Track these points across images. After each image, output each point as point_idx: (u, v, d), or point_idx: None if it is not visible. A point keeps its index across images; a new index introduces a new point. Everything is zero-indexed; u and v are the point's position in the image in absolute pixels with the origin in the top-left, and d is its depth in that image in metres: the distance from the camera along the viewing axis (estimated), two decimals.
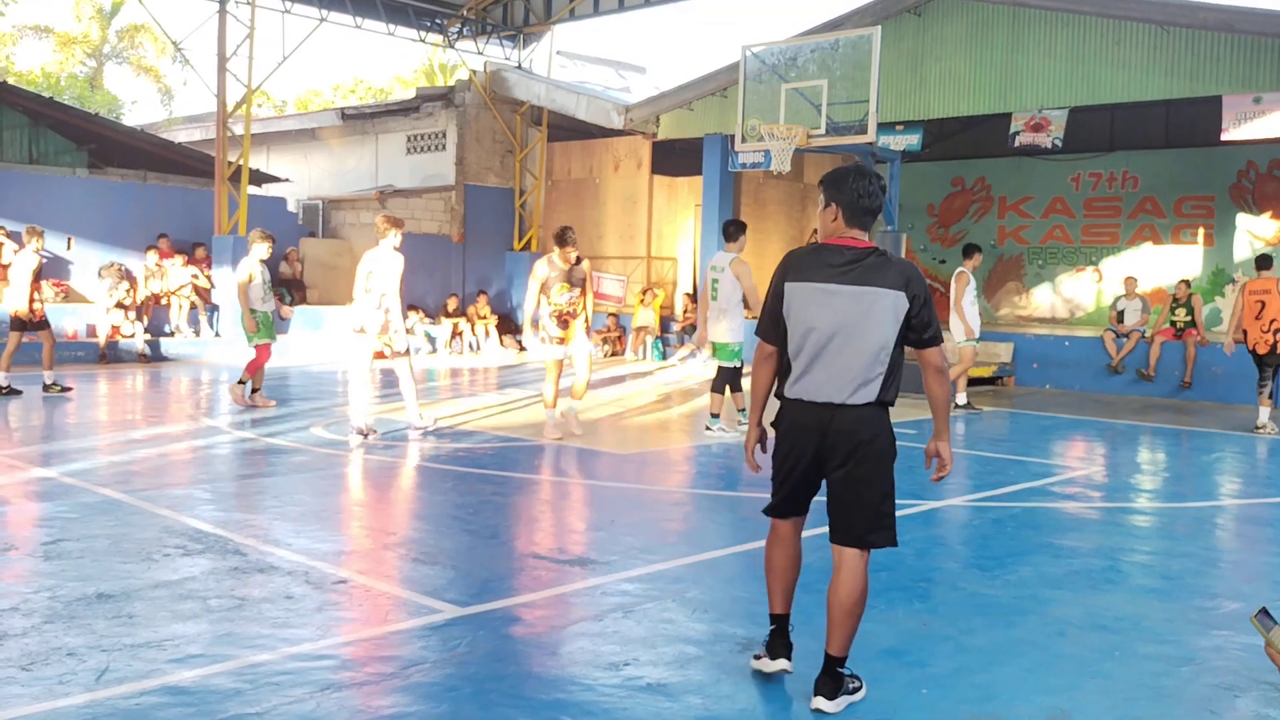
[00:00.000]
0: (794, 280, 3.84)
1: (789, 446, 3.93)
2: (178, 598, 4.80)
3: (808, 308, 3.79)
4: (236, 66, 18.17)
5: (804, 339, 3.80)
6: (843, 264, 3.77)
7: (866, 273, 3.74)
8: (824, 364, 3.78)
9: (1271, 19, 13.24)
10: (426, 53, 36.49)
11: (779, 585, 4.07)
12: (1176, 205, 18.88)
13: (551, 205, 22.22)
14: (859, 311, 3.73)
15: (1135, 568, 5.79)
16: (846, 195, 3.82)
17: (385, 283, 9.47)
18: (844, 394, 3.78)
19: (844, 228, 3.85)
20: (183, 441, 9.21)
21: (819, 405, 3.80)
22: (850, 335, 3.74)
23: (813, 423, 3.82)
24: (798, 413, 3.86)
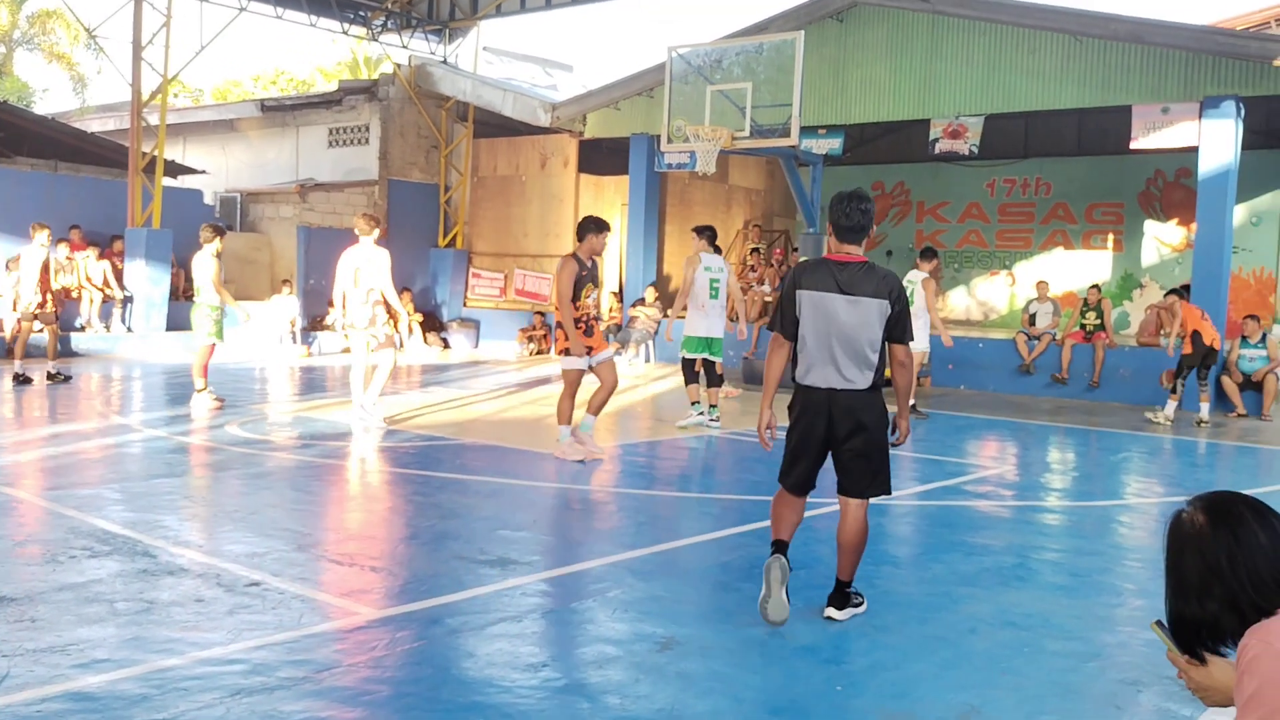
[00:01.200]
0: (803, 289, 4.67)
1: (803, 422, 4.76)
2: (83, 601, 4.67)
3: (813, 312, 4.64)
4: (152, 55, 17.74)
5: (811, 337, 4.65)
6: (840, 276, 4.62)
7: (859, 286, 4.60)
8: (826, 357, 4.63)
9: (1179, 31, 13.68)
10: (350, 45, 35.96)
11: (779, 523, 4.85)
12: (1087, 212, 19.41)
13: (477, 202, 22.06)
14: (853, 315, 4.59)
15: (1044, 565, 5.94)
16: (834, 216, 4.70)
17: (376, 278, 9.94)
18: (843, 381, 4.63)
19: (838, 244, 4.72)
20: (92, 440, 8.96)
21: (824, 390, 4.65)
22: (846, 334, 4.60)
23: (821, 403, 4.67)
24: (808, 395, 4.72)
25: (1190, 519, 2.10)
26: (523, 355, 19.38)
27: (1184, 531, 2.10)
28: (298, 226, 20.32)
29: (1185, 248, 17.98)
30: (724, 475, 8.49)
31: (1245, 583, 1.99)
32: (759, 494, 7.82)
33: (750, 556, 5.92)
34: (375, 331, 10.03)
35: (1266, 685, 1.87)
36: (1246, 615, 1.99)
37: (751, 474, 8.60)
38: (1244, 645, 1.95)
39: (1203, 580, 2.04)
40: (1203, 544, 2.05)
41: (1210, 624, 2.06)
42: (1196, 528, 2.08)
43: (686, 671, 4.12)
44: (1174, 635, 2.14)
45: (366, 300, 9.94)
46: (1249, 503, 2.08)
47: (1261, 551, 2.00)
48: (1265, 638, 1.92)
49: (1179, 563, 2.10)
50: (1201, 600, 2.05)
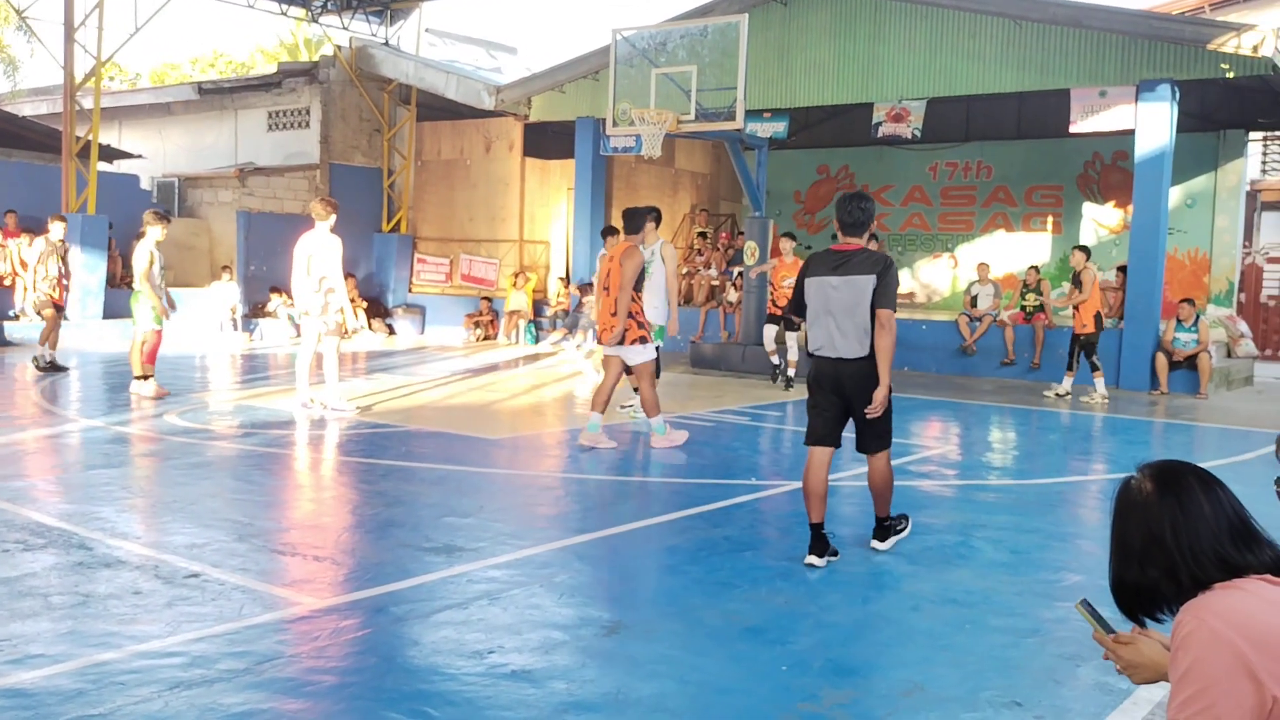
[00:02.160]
0: (808, 276, 5.51)
1: (815, 388, 5.54)
2: (17, 595, 4.57)
3: (815, 294, 5.45)
4: (85, 37, 17.31)
5: (816, 315, 5.46)
6: (838, 264, 5.41)
7: (852, 268, 5.36)
8: (830, 331, 5.39)
9: (1117, 16, 13.88)
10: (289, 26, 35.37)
11: (815, 502, 5.45)
12: (1027, 194, 19.66)
13: (421, 186, 21.84)
14: (849, 294, 5.32)
15: (986, 543, 6.03)
16: (838, 214, 5.55)
17: (327, 265, 9.83)
18: (846, 351, 5.35)
19: (842, 237, 5.53)
20: (26, 430, 8.75)
21: (832, 359, 5.42)
22: (845, 311, 5.33)
23: (829, 371, 5.45)
24: (819, 365, 5.51)
25: (1139, 486, 2.11)
26: (469, 341, 19.26)
27: (1131, 498, 2.12)
28: (237, 211, 20.00)
29: (1122, 229, 18.29)
30: (669, 459, 8.50)
31: (1186, 554, 2.00)
32: (704, 477, 7.85)
33: (696, 540, 5.95)
34: (326, 319, 9.95)
35: (1199, 663, 1.88)
36: (1184, 586, 2.00)
37: (698, 458, 8.63)
38: (1179, 622, 1.96)
39: (1145, 547, 2.06)
40: (1148, 512, 2.06)
41: (1149, 590, 2.07)
42: (1144, 495, 2.09)
43: (633, 655, 4.12)
44: (1116, 598, 2.15)
45: (319, 288, 9.87)
46: (1198, 473, 2.09)
47: (1205, 523, 2.01)
48: (1199, 614, 1.92)
49: (1124, 528, 2.11)
50: (1143, 567, 2.06)
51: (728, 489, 7.30)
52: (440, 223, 21.64)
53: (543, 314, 19.30)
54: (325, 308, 9.91)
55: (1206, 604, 1.94)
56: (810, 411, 5.56)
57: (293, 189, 20.97)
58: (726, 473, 8.20)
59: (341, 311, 10.05)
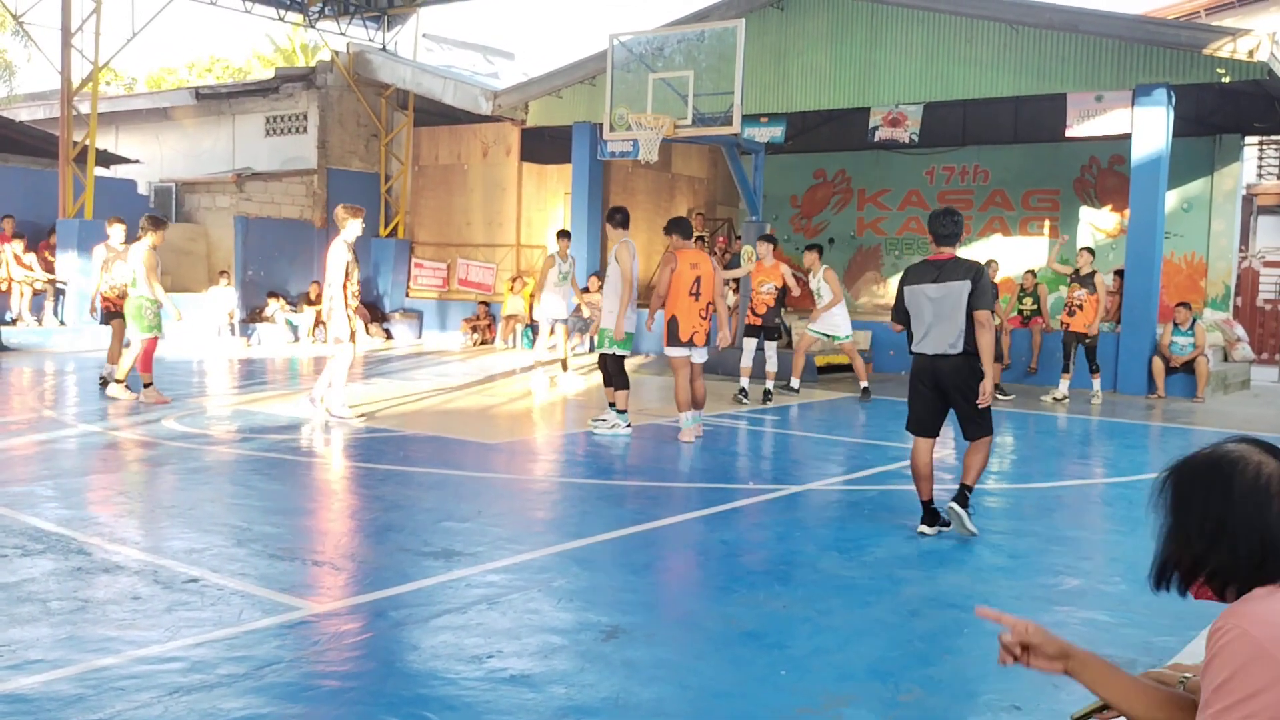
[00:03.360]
0: (908, 285, 6.17)
1: (917, 381, 6.23)
2: (15, 600, 4.56)
3: (914, 300, 6.11)
4: (82, 42, 17.33)
5: (916, 318, 6.13)
6: (936, 273, 6.07)
7: (948, 275, 6.03)
8: (928, 332, 6.07)
9: (1113, 20, 13.91)
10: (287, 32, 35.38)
11: (924, 483, 6.20)
12: (1024, 198, 19.69)
13: (418, 191, 21.85)
14: (946, 299, 5.99)
15: (984, 547, 6.03)
16: (932, 227, 6.21)
17: (335, 274, 9.74)
18: (943, 348, 6.04)
19: (934, 246, 6.18)
20: (24, 435, 8.75)
21: (930, 355, 6.09)
22: (943, 314, 6.00)
23: (928, 366, 6.14)
24: (919, 361, 6.19)
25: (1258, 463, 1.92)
26: (466, 345, 19.26)
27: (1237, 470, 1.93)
28: (235, 216, 20.00)
29: (1119, 233, 18.31)
30: (667, 463, 8.51)
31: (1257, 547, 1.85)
32: (702, 482, 7.86)
33: (693, 544, 5.96)
34: (330, 325, 10.02)
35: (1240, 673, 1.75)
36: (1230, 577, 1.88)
37: (696, 462, 8.63)
38: (1218, 628, 1.82)
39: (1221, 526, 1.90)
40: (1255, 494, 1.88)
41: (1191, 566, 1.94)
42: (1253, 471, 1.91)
43: (632, 659, 4.12)
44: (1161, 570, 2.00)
45: (328, 293, 9.95)
46: None
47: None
48: (1239, 622, 1.79)
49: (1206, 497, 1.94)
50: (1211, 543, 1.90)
51: (725, 493, 7.30)
52: (437, 227, 21.65)
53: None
54: (330, 313, 9.94)
55: (1248, 611, 1.81)
56: (913, 402, 6.25)
57: (290, 194, 20.98)
58: (724, 477, 8.21)
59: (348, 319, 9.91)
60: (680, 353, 9.33)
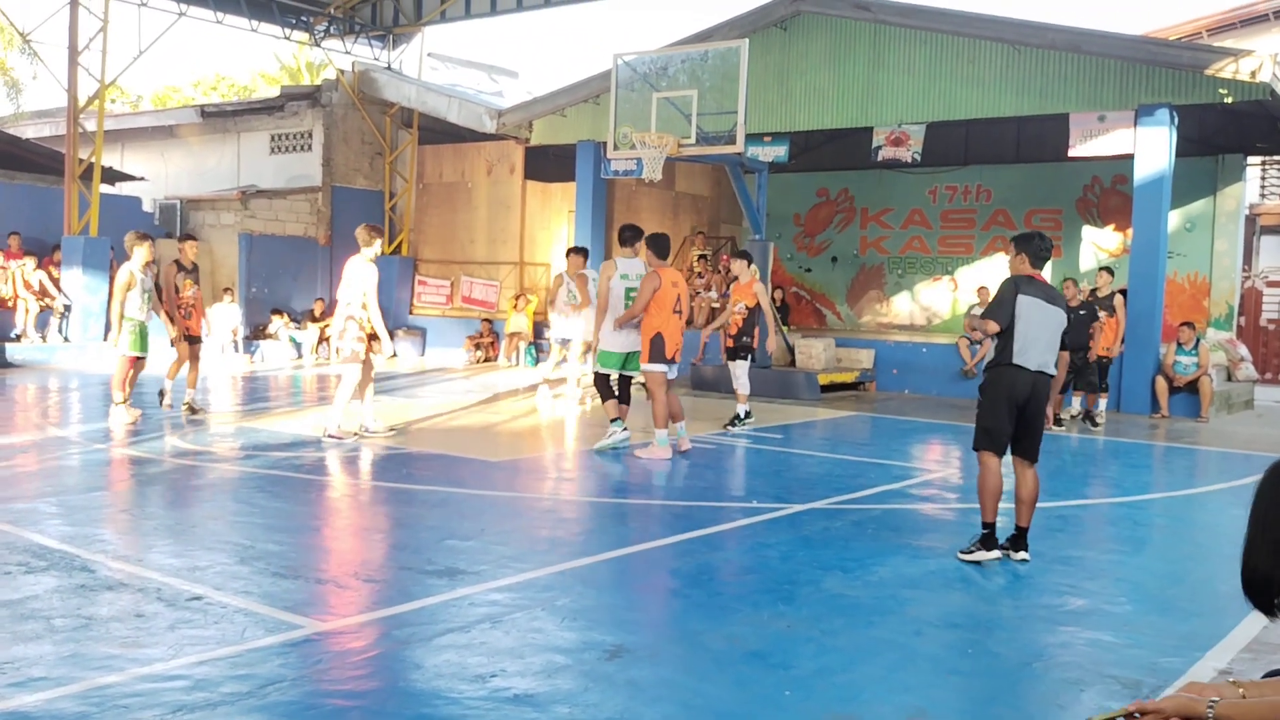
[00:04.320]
0: (1024, 294, 6.08)
1: (1010, 394, 6.06)
2: (19, 618, 4.56)
3: (1031, 312, 6.06)
4: (89, 60, 17.44)
5: (1030, 329, 6.04)
6: (1048, 293, 6.17)
7: (1056, 299, 6.20)
8: (1039, 346, 6.05)
9: (1115, 41, 13.97)
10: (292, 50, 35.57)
11: (995, 503, 6.14)
12: (1027, 218, 19.71)
13: (423, 209, 21.91)
14: (1052, 319, 6.13)
15: (988, 567, 6.02)
16: (1031, 249, 6.24)
17: (353, 292, 9.78)
18: (1046, 366, 6.08)
19: (1029, 268, 6.22)
20: (27, 452, 8.76)
21: (1032, 371, 6.04)
22: (1048, 332, 6.10)
23: (1029, 380, 6.04)
24: (1016, 375, 6.04)
25: None
26: (469, 363, 19.27)
27: None
28: (239, 234, 20.05)
29: (1122, 253, 18.32)
30: (672, 481, 8.50)
31: None
32: (705, 500, 7.85)
33: (697, 563, 5.94)
34: (341, 344, 9.94)
35: None
36: None
37: (699, 480, 8.63)
38: None
39: None
40: None
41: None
42: None
43: (636, 679, 4.11)
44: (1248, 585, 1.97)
45: (343, 311, 9.91)
46: None
47: None
48: None
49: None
50: None
51: (728, 512, 7.29)
52: (441, 245, 21.70)
53: (542, 336, 19.30)
54: (343, 332, 9.87)
55: None
56: (992, 419, 6.11)
57: (295, 211, 21.04)
58: (727, 496, 8.20)
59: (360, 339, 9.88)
60: (660, 368, 9.37)
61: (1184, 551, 6.92)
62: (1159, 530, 7.44)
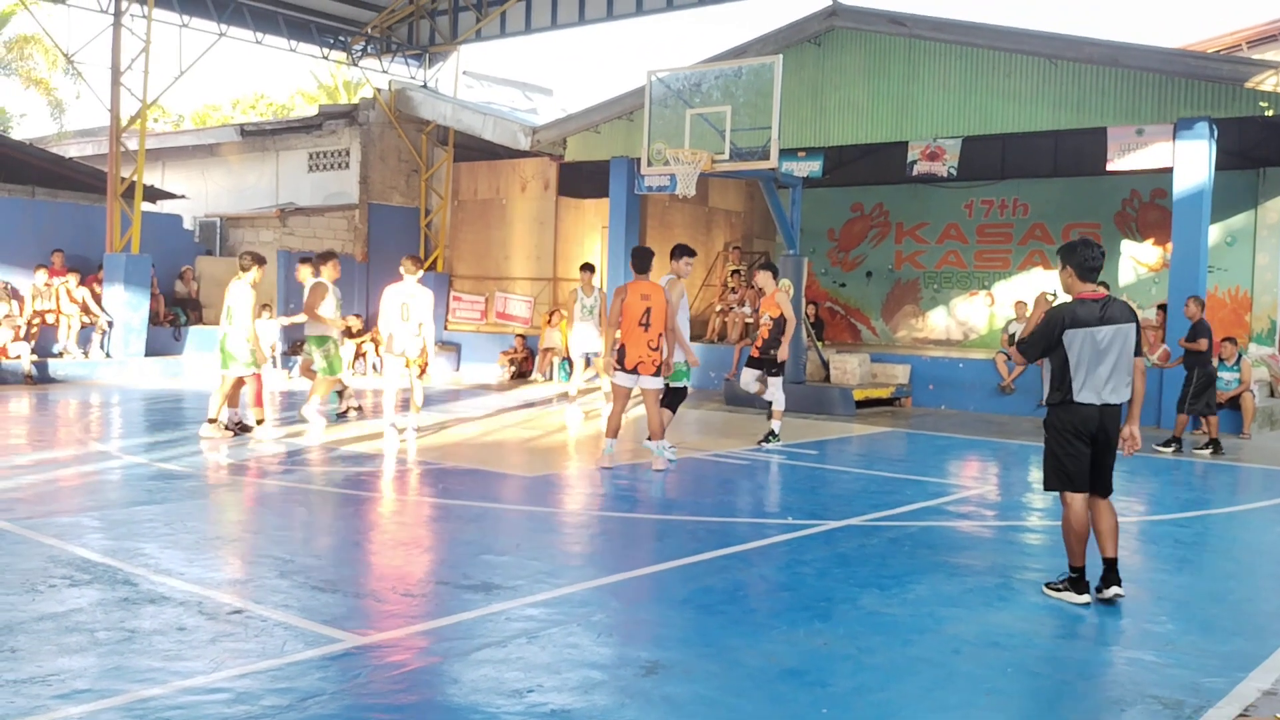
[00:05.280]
0: (1072, 328, 5.55)
1: (1075, 435, 5.60)
2: (64, 630, 4.63)
3: (1085, 345, 5.53)
4: (131, 80, 17.73)
5: (1085, 362, 5.53)
6: (1101, 314, 5.57)
7: (1113, 317, 5.58)
8: (1099, 380, 5.54)
9: (1153, 54, 13.86)
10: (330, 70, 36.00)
11: (1084, 544, 5.62)
12: (1064, 232, 19.55)
13: (458, 225, 22.07)
14: (1118, 343, 5.55)
15: (1027, 585, 5.96)
16: (1078, 260, 5.69)
17: (423, 313, 11.22)
18: (1113, 397, 5.57)
19: (1079, 283, 5.69)
20: (70, 467, 8.89)
21: (1098, 406, 5.55)
22: (1114, 360, 5.55)
23: (1094, 416, 5.57)
24: (1083, 412, 5.57)
25: None
26: (503, 378, 19.35)
27: None
28: (278, 251, 20.26)
29: (1161, 267, 18.15)
30: (707, 497, 8.49)
31: None
32: (740, 516, 7.83)
33: (732, 580, 5.93)
34: (421, 360, 11.34)
35: None
36: None
37: (733, 496, 8.61)
38: None
39: None
40: None
41: None
42: None
43: (672, 696, 4.11)
44: None
45: (418, 332, 11.17)
46: None
47: None
48: None
49: None
50: None
51: (764, 528, 7.27)
52: (476, 261, 21.83)
53: None
54: (423, 350, 11.26)
55: None
56: (1068, 459, 5.63)
57: (332, 228, 21.26)
58: (762, 511, 8.18)
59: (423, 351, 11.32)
60: (621, 380, 9.47)
61: (1226, 570, 6.82)
62: (1200, 548, 7.34)
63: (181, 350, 18.35)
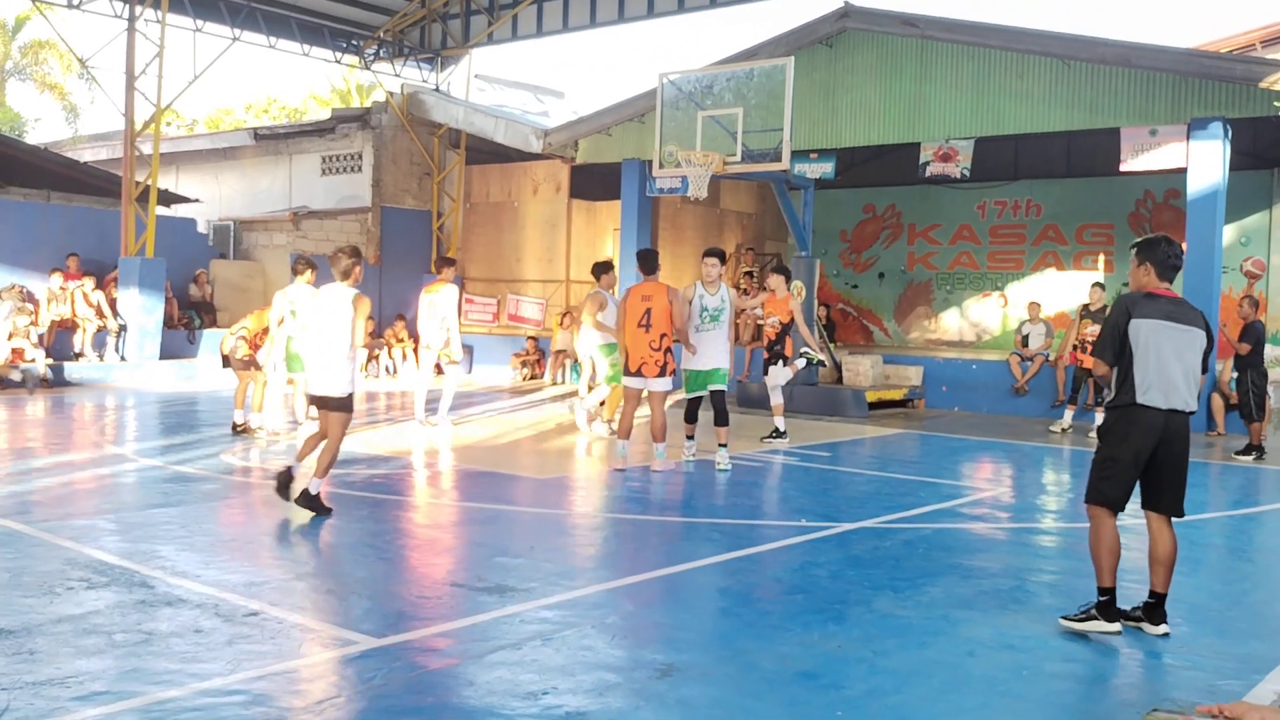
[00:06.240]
0: (1139, 317, 4.99)
1: (1135, 440, 4.99)
2: (81, 632, 4.66)
3: (1152, 337, 4.96)
4: (145, 85, 17.81)
5: (1152, 360, 4.95)
6: (1172, 311, 5.03)
7: (1185, 317, 5.04)
8: (1167, 380, 4.95)
9: (1166, 55, 13.80)
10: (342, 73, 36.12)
11: (1111, 561, 5.10)
12: (1078, 233, 19.51)
13: (470, 228, 22.12)
14: (1190, 344, 4.99)
15: (1042, 587, 5.95)
16: (1158, 257, 5.12)
17: (448, 309, 12.06)
18: (1180, 403, 4.97)
19: (1155, 281, 5.11)
20: (86, 470, 8.94)
21: (1164, 411, 4.94)
22: (1181, 359, 4.97)
23: (1159, 423, 4.95)
24: (1145, 414, 4.96)
25: None
26: (516, 381, 19.38)
27: None
28: (291, 254, 20.33)
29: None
30: (720, 500, 8.49)
31: None
32: (753, 519, 7.83)
33: (746, 582, 5.93)
34: (448, 352, 12.22)
35: None
36: None
37: (747, 499, 8.61)
38: None
39: None
40: None
41: None
42: None
43: (687, 698, 4.12)
44: None
45: (442, 326, 12.04)
46: None
47: None
48: None
49: None
50: None
51: (777, 530, 7.27)
52: (488, 263, 21.88)
53: None
54: (447, 343, 12.10)
55: None
56: (1114, 468, 5.06)
57: (345, 231, 21.33)
58: (775, 514, 8.18)
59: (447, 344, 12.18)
60: (630, 383, 9.52)
61: (1242, 572, 6.80)
62: (1216, 551, 7.31)
63: (196, 353, 18.42)
